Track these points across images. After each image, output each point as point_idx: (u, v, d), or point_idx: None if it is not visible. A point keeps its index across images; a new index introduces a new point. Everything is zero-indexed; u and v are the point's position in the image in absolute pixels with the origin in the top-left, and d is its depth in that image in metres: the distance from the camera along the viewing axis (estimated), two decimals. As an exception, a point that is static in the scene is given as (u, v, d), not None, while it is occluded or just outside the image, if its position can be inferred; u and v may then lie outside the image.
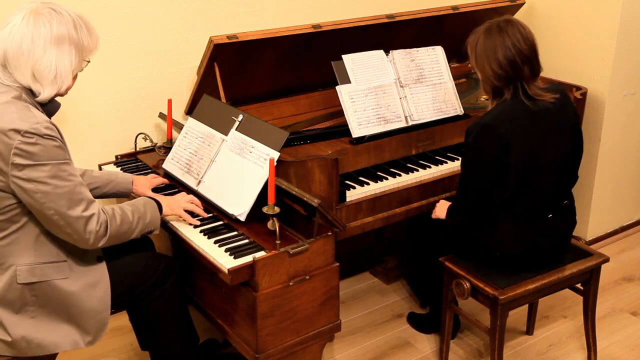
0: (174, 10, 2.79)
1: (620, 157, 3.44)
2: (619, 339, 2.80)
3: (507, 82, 2.20)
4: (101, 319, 1.99)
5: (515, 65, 2.17)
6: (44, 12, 1.85)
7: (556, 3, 3.36)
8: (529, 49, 2.19)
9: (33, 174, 1.77)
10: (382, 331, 2.86)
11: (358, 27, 2.80)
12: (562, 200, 2.33)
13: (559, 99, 2.23)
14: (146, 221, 2.04)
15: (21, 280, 1.87)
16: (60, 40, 1.85)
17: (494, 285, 2.28)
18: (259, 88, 2.86)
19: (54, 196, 1.79)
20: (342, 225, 2.15)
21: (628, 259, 3.44)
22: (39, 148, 1.76)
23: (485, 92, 2.31)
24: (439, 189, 2.64)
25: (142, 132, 2.80)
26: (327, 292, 2.14)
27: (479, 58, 2.23)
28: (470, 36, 2.29)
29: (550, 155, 2.22)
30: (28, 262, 1.88)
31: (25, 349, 1.91)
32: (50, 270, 1.91)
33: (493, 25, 2.22)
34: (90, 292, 1.96)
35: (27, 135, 1.75)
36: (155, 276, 2.13)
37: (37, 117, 1.79)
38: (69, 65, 1.88)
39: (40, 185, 1.78)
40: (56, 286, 1.91)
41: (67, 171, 1.82)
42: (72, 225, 1.84)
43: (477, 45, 2.24)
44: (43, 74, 1.85)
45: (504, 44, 2.17)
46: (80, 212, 1.84)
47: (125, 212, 1.98)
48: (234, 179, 2.27)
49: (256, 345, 2.04)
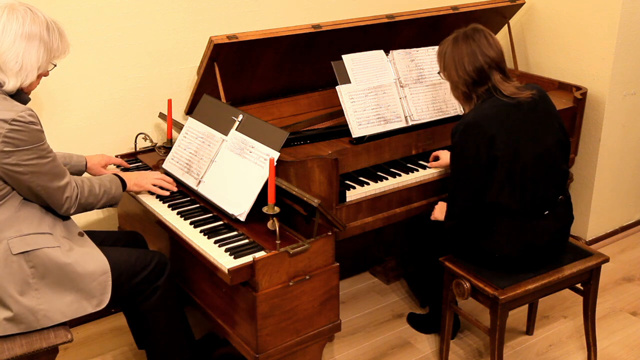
0: (174, 10, 2.79)
1: (620, 157, 3.44)
2: (619, 339, 2.80)
3: (475, 87, 2.28)
4: (102, 281, 2.03)
5: (482, 71, 2.25)
6: (20, 9, 1.92)
7: (556, 3, 3.36)
8: (496, 55, 2.27)
9: (20, 158, 1.88)
10: (382, 331, 2.86)
11: (358, 27, 2.80)
12: (556, 196, 2.33)
13: (535, 94, 2.30)
14: (110, 195, 2.20)
15: (16, 251, 1.92)
16: (30, 36, 1.92)
17: (494, 285, 2.28)
18: (259, 88, 2.86)
19: (39, 174, 1.93)
20: (342, 225, 2.15)
21: (628, 259, 3.43)
22: (25, 134, 1.86)
23: (455, 97, 2.41)
24: (439, 188, 2.65)
25: (142, 132, 2.80)
26: (327, 292, 2.14)
27: (447, 66, 2.32)
28: (439, 46, 2.38)
29: (535, 148, 2.25)
30: (17, 234, 1.95)
31: (32, 322, 1.94)
32: (39, 239, 1.97)
33: (460, 34, 2.31)
34: (86, 259, 2.02)
35: (15, 123, 1.84)
36: (147, 271, 2.15)
37: (19, 106, 1.89)
38: (36, 60, 1.95)
39: (28, 167, 1.90)
40: (51, 255, 1.96)
41: (46, 149, 1.94)
42: (53, 196, 1.99)
43: (444, 54, 2.33)
44: (9, 64, 1.91)
45: (471, 51, 2.26)
46: (59, 183, 1.99)
47: (93, 185, 2.14)
48: (234, 179, 2.27)
49: (256, 345, 2.04)
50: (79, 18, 2.59)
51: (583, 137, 3.31)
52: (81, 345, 2.77)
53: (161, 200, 2.39)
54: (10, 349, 1.93)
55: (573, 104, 3.10)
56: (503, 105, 2.24)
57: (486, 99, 2.27)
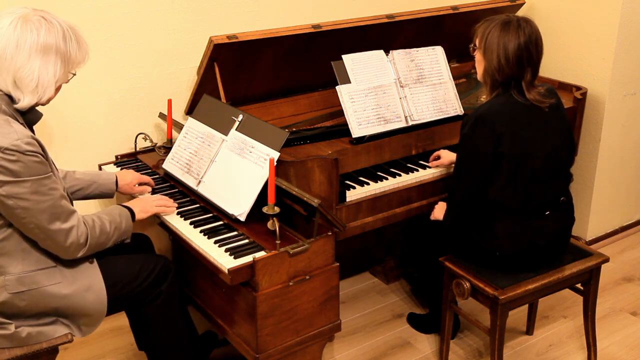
0: (174, 10, 2.79)
1: (620, 157, 3.44)
2: (619, 339, 2.80)
3: (508, 78, 2.22)
4: (95, 319, 2.02)
5: (521, 65, 2.19)
6: (34, 20, 1.80)
7: (556, 3, 3.36)
8: (538, 54, 2.22)
9: (13, 190, 1.75)
10: (382, 331, 2.86)
11: (358, 27, 2.80)
12: (558, 197, 2.33)
13: (554, 104, 2.27)
14: (121, 231, 2.06)
15: (11, 290, 1.87)
16: (46, 49, 1.80)
17: (494, 285, 2.28)
18: (259, 88, 2.86)
19: (34, 211, 1.78)
20: (342, 225, 2.15)
21: (628, 259, 3.43)
22: (20, 165, 1.74)
23: (482, 81, 2.31)
24: (438, 189, 2.65)
25: (142, 132, 2.80)
26: (327, 292, 2.14)
27: (489, 48, 2.22)
28: (482, 23, 2.27)
29: (542, 151, 2.23)
30: (16, 272, 1.88)
31: (25, 339, 1.92)
32: (40, 277, 1.90)
33: (512, 21, 2.21)
34: (84, 295, 1.96)
35: (8, 152, 1.72)
36: (150, 278, 2.13)
37: (18, 133, 1.75)
38: (53, 76, 1.84)
39: (20, 201, 1.76)
40: (48, 292, 1.91)
41: (47, 185, 1.80)
42: (53, 238, 1.85)
43: (489, 34, 2.22)
44: (24, 82, 1.80)
45: (518, 41, 2.18)
46: (60, 225, 1.84)
47: (104, 223, 2.00)
48: (234, 179, 2.27)
49: (256, 345, 2.04)
50: (78, 18, 2.59)
51: (583, 137, 3.31)
52: (81, 345, 2.77)
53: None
54: (11, 349, 1.93)
55: (573, 104, 3.11)
56: (517, 104, 2.21)
57: (502, 94, 2.24)
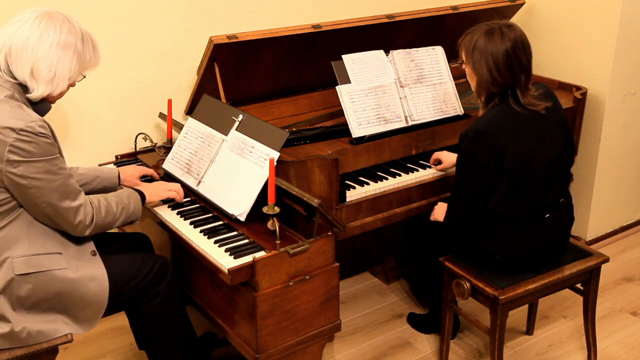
0: (174, 10, 2.79)
1: (620, 157, 3.44)
2: (619, 339, 2.80)
3: (504, 88, 2.19)
4: (96, 309, 2.03)
5: (514, 73, 2.15)
6: (58, 18, 1.92)
7: (556, 3, 3.36)
8: (527, 57, 2.18)
9: (27, 170, 1.83)
10: (382, 331, 2.86)
11: (358, 27, 2.80)
12: (558, 199, 2.33)
13: (550, 107, 2.24)
14: (129, 212, 2.12)
15: (18, 272, 1.90)
16: (66, 46, 1.92)
17: (494, 285, 2.28)
18: (259, 88, 2.86)
19: (46, 190, 1.86)
20: (342, 225, 2.15)
21: (628, 259, 3.43)
22: (34, 146, 1.82)
23: (477, 95, 2.27)
24: (438, 189, 2.65)
25: (142, 132, 2.80)
26: (327, 292, 2.14)
27: (477, 62, 2.17)
28: (465, 36, 2.23)
29: (543, 156, 2.21)
30: (23, 253, 1.91)
31: (25, 339, 1.93)
32: (46, 261, 1.94)
33: (495, 29, 2.16)
34: (88, 284, 1.99)
35: (22, 133, 1.80)
36: (149, 277, 2.14)
37: (32, 116, 1.85)
38: (68, 70, 1.94)
39: (34, 180, 1.84)
40: (54, 275, 1.93)
41: (57, 165, 1.88)
42: (63, 216, 1.92)
43: (474, 47, 2.17)
44: (42, 72, 1.90)
45: (506, 50, 2.13)
46: (70, 203, 1.92)
47: (110, 204, 2.06)
48: (234, 179, 2.27)
49: (256, 345, 2.04)
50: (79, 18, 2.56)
51: (583, 137, 3.31)
52: (81, 345, 2.77)
53: (161, 201, 2.38)
54: (11, 349, 1.93)
55: (573, 104, 3.11)
56: (514, 114, 2.17)
57: (498, 105, 2.20)
